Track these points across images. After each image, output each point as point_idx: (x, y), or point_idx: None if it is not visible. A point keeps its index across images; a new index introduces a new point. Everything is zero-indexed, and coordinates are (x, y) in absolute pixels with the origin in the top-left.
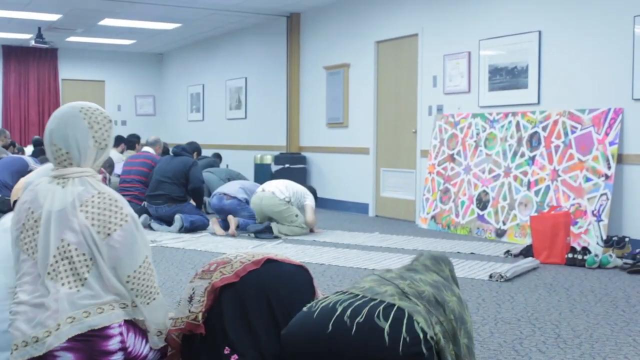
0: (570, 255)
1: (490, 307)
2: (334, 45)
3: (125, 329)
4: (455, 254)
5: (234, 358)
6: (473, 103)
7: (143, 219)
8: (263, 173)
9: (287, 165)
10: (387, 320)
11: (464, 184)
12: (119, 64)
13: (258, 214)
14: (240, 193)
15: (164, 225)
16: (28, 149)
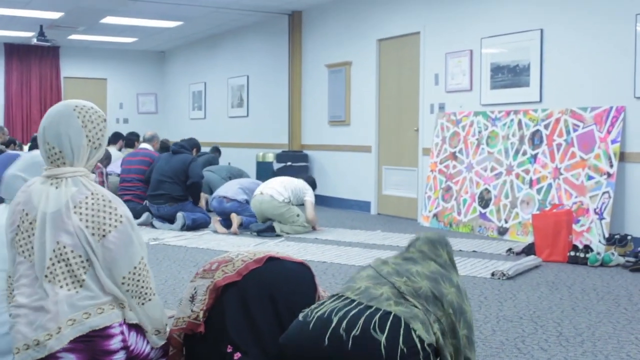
0: (573, 254)
1: (493, 305)
2: (336, 44)
3: (127, 328)
4: (458, 252)
5: (237, 356)
6: (475, 101)
7: (145, 217)
8: (265, 171)
9: (289, 163)
10: (383, 332)
11: (466, 182)
12: (121, 62)
13: (259, 216)
14: (240, 194)
15: (166, 223)
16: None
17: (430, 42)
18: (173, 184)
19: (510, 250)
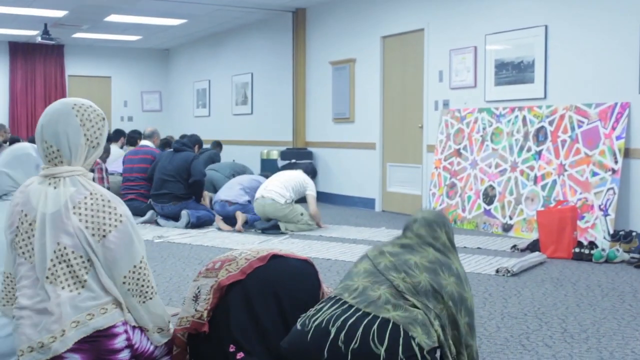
0: (577, 250)
1: (497, 301)
2: (340, 41)
3: (130, 327)
4: (462, 249)
5: (240, 356)
6: (479, 98)
7: (150, 215)
8: (269, 168)
9: (293, 161)
10: (382, 344)
11: (471, 179)
12: (125, 60)
13: (262, 217)
14: (242, 196)
15: (171, 221)
16: None
17: (435, 38)
18: (176, 183)
19: (515, 247)
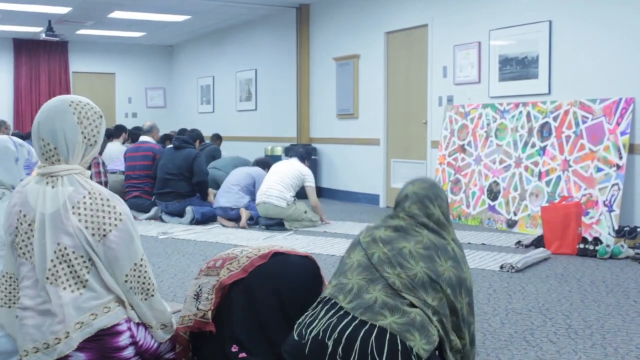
0: (582, 246)
1: (501, 297)
2: (344, 37)
3: (134, 324)
4: (466, 245)
5: (242, 356)
6: (483, 93)
7: (154, 212)
8: None
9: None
10: (381, 356)
11: (475, 175)
12: (129, 57)
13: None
14: (242, 199)
15: (176, 217)
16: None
17: (439, 34)
18: (179, 181)
19: (519, 243)
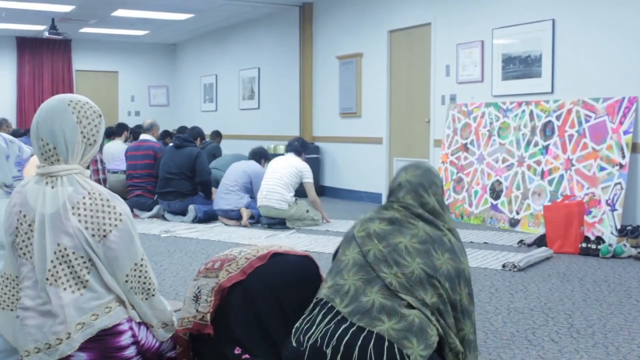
0: (584, 245)
1: (504, 296)
2: (347, 35)
3: (136, 323)
4: (469, 244)
5: (245, 357)
6: (486, 92)
7: (157, 210)
8: None
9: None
10: None
11: (478, 174)
12: (132, 55)
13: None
14: (241, 201)
15: (178, 216)
16: None
17: (441, 33)
18: (180, 180)
19: (522, 242)
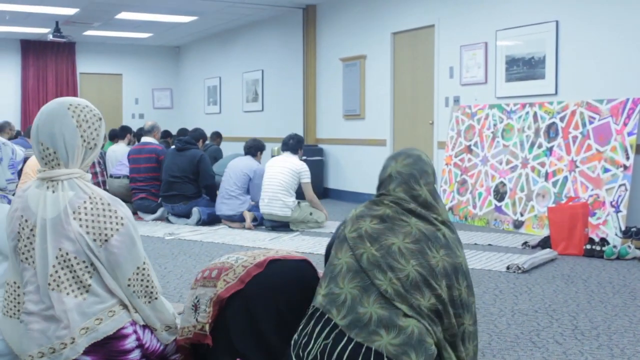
0: (589, 247)
1: (508, 298)
2: (350, 37)
3: (140, 326)
4: (473, 246)
5: None
6: (490, 94)
7: (160, 213)
8: None
9: (304, 158)
10: None
11: (481, 176)
12: (136, 58)
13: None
14: (243, 205)
15: (182, 218)
16: None
17: (445, 35)
18: (184, 183)
19: (526, 244)
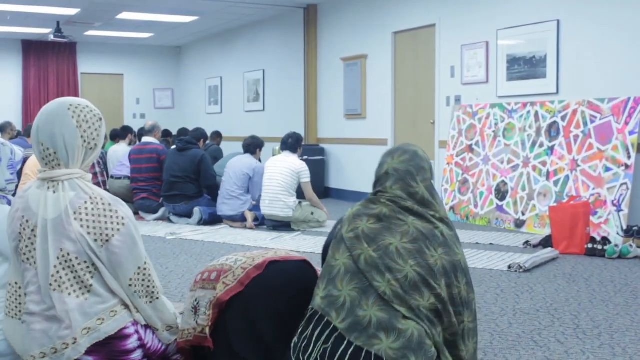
0: (590, 246)
1: (509, 297)
2: (351, 37)
3: (141, 326)
4: (474, 245)
5: None
6: (491, 93)
7: (162, 212)
8: None
9: (305, 157)
10: None
11: (483, 175)
12: (138, 58)
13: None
14: (244, 206)
15: (184, 218)
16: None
17: (446, 34)
18: (185, 183)
19: (527, 243)
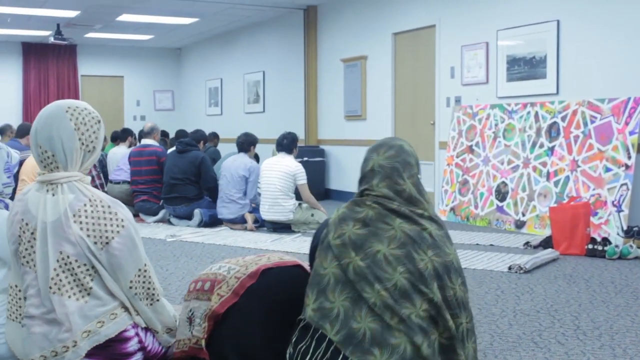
0: (590, 246)
1: (510, 298)
2: (351, 38)
3: (141, 329)
4: (475, 246)
5: None
6: (491, 94)
7: (162, 215)
8: None
9: (305, 159)
10: None
11: (483, 176)
12: (138, 60)
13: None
14: (243, 209)
15: (184, 220)
16: None
17: (446, 35)
18: (185, 186)
19: (528, 244)
